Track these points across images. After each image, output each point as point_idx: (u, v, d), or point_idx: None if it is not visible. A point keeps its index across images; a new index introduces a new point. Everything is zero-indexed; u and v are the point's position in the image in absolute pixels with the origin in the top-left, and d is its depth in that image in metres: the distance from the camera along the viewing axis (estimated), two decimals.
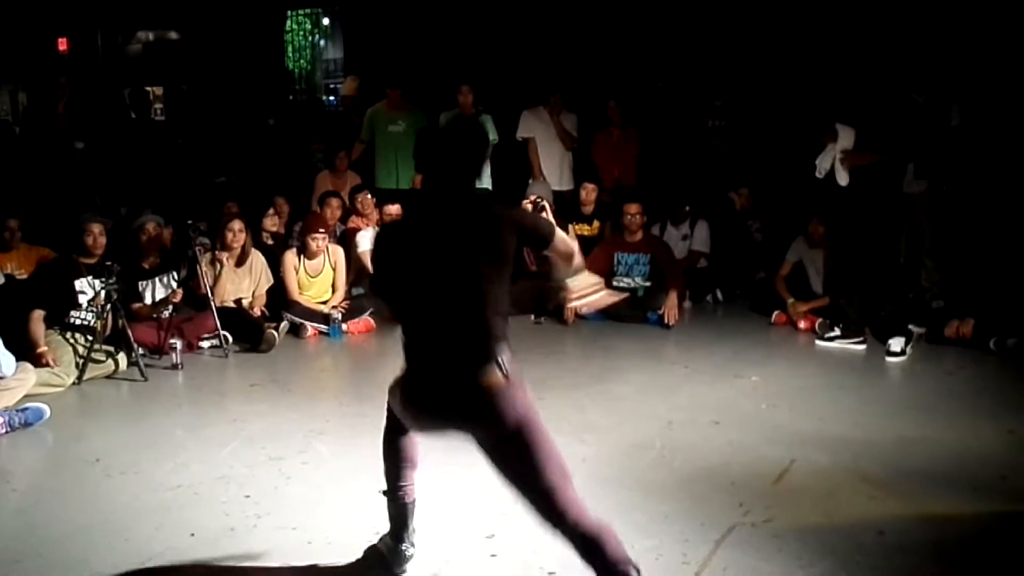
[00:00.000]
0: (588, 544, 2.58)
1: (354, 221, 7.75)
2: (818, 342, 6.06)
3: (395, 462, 3.05)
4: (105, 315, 5.60)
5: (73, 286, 5.69)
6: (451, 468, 3.99)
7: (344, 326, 6.65)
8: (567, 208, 7.83)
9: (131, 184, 7.99)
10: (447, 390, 2.61)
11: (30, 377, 4.97)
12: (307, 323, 6.60)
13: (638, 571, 2.61)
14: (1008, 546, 3.34)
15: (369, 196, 7.80)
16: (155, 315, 6.05)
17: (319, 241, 6.77)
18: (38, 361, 5.23)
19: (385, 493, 3.09)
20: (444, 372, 2.62)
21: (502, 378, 2.55)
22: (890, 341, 5.80)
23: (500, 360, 2.57)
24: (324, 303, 6.83)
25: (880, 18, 7.32)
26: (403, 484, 3.06)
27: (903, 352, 5.75)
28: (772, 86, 8.41)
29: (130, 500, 3.73)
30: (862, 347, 5.95)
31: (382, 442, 3.06)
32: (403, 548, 3.09)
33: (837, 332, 6.04)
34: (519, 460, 2.57)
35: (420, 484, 3.08)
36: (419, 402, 2.72)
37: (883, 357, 5.75)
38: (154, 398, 5.20)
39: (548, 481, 2.56)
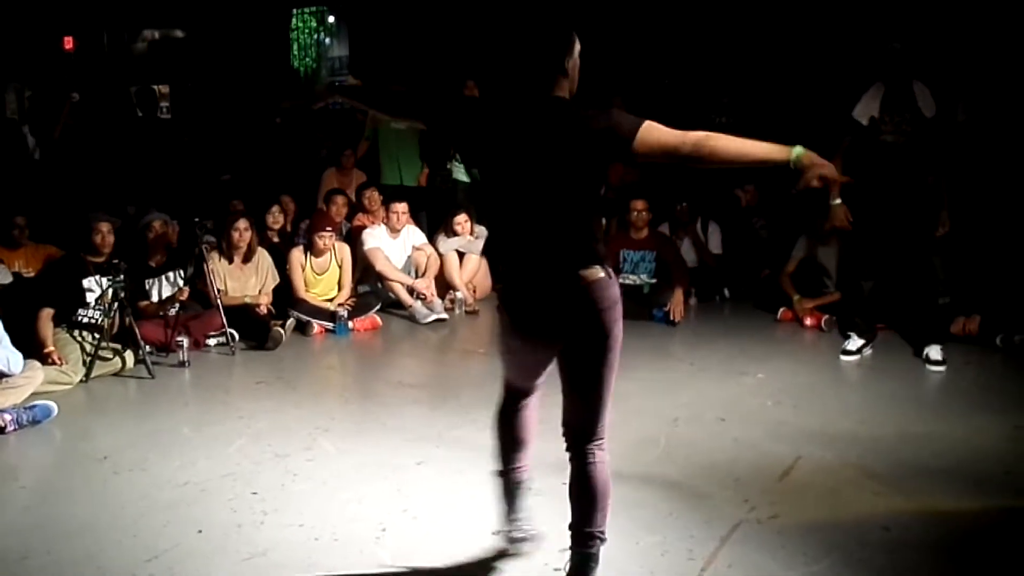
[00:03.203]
0: (586, 479, 2.73)
1: (360, 219, 7.77)
2: (844, 357, 5.71)
3: (508, 441, 3.05)
4: (112, 313, 5.62)
5: (81, 285, 5.71)
6: (458, 465, 4.01)
7: (350, 324, 6.66)
8: None
9: (138, 182, 8.01)
10: (548, 286, 2.65)
11: (38, 375, 4.99)
12: (313, 321, 6.61)
13: (603, 541, 2.77)
14: (1012, 542, 3.33)
15: (376, 193, 7.81)
16: (162, 313, 6.07)
17: (326, 239, 6.78)
18: (46, 360, 5.25)
19: (498, 473, 3.11)
20: (546, 271, 2.66)
21: (603, 274, 2.63)
22: (927, 350, 5.58)
23: (601, 259, 2.64)
24: (330, 301, 6.85)
25: (885, 14, 7.31)
26: (515, 466, 3.07)
27: (944, 361, 5.51)
28: (779, 83, 8.40)
29: (137, 497, 3.75)
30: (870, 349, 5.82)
31: (496, 419, 3.06)
32: (512, 527, 3.13)
33: (860, 342, 5.77)
34: (594, 365, 2.67)
35: (424, 481, 3.09)
36: (519, 304, 2.75)
37: (891, 354, 5.74)
38: (161, 396, 5.22)
39: (604, 393, 2.70)
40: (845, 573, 3.06)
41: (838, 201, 5.43)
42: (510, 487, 3.10)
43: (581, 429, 2.76)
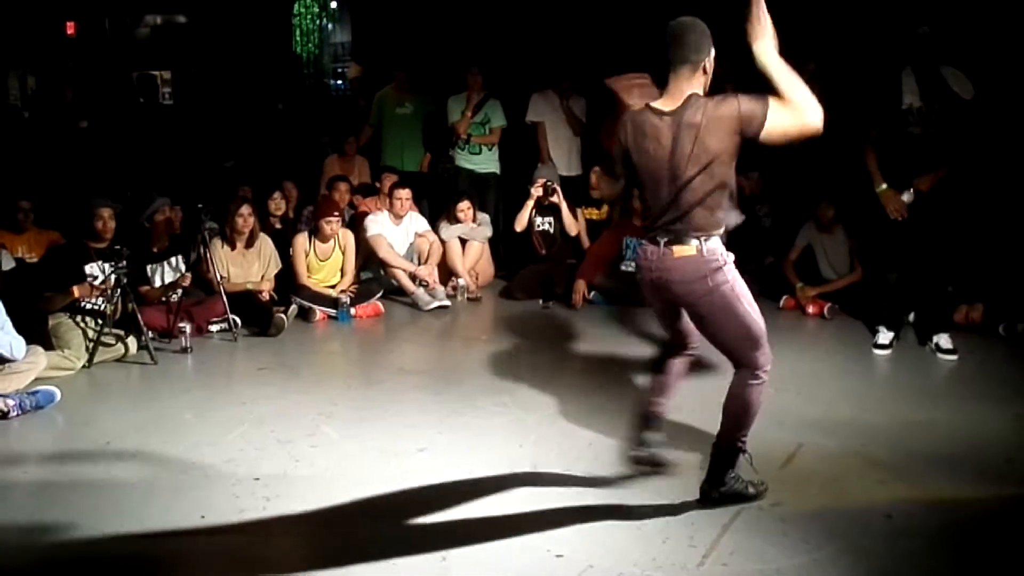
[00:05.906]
0: (729, 395, 3.42)
1: (366, 204, 7.74)
2: (877, 351, 5.58)
3: (656, 382, 3.69)
4: (115, 299, 5.62)
5: (83, 270, 5.70)
6: (459, 451, 4.02)
7: (353, 310, 6.66)
8: (576, 192, 7.82)
9: (139, 168, 8.00)
10: (658, 258, 3.27)
11: (40, 360, 5.00)
12: (316, 307, 6.61)
13: (742, 447, 3.44)
14: (1014, 530, 3.34)
15: (395, 177, 7.73)
16: (164, 298, 6.07)
17: (333, 224, 6.77)
18: (77, 298, 5.48)
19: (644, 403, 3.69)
20: (657, 244, 3.27)
21: (695, 251, 3.19)
22: (937, 339, 5.54)
23: (699, 240, 3.19)
24: (333, 287, 6.85)
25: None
26: (654, 399, 3.65)
27: (955, 350, 5.46)
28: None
29: (140, 483, 3.76)
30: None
31: (655, 362, 3.76)
32: (643, 440, 3.61)
33: (891, 335, 5.64)
34: (709, 320, 3.37)
35: (426, 467, 3.10)
36: (641, 269, 3.38)
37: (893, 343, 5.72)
38: (164, 381, 5.22)
39: (732, 338, 3.39)
40: (847, 560, 3.06)
41: (884, 187, 5.39)
42: (643, 416, 3.63)
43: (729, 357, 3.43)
